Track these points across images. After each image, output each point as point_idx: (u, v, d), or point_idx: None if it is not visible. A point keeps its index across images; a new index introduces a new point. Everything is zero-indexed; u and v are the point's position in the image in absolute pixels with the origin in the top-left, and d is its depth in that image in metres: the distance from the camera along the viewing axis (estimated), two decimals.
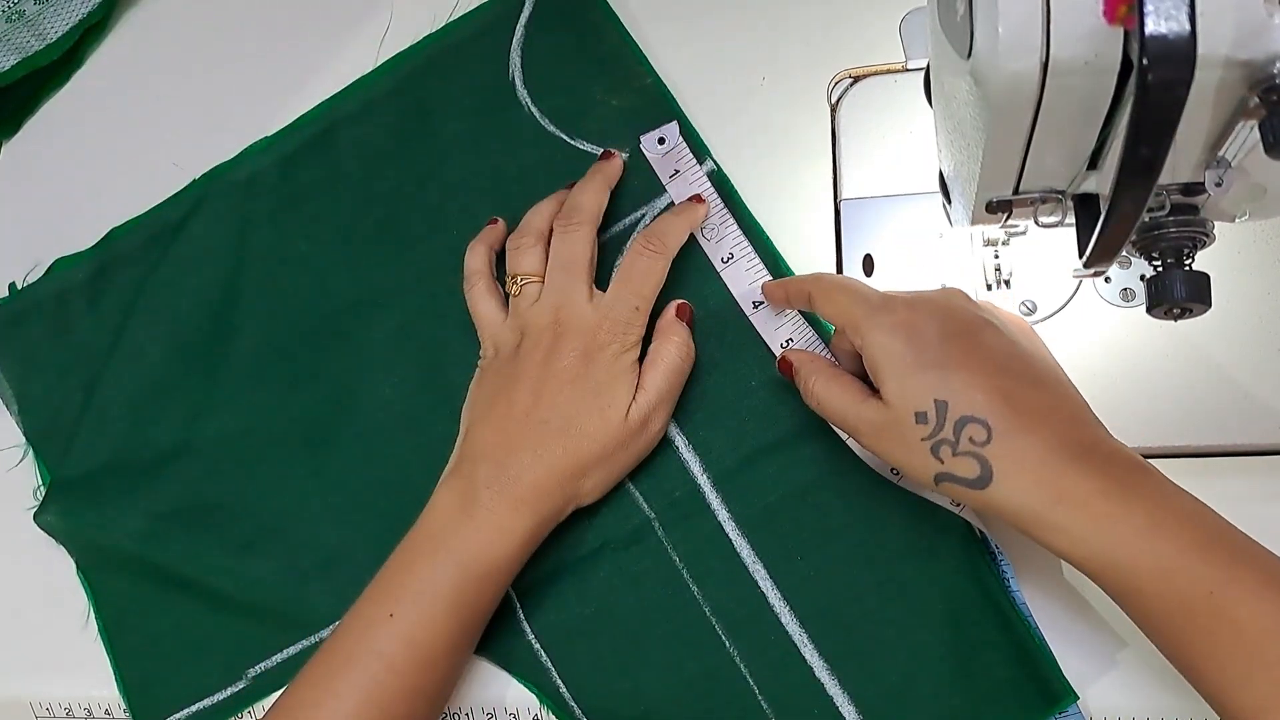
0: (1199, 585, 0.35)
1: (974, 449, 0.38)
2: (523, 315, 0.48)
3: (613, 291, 0.48)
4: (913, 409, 0.39)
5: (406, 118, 0.57)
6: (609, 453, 0.46)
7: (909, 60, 0.53)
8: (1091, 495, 0.37)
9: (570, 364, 0.46)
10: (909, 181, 0.51)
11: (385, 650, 0.43)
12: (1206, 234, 0.36)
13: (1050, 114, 0.32)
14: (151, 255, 0.58)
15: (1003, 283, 0.49)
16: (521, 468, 0.45)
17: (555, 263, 0.48)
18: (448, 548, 0.44)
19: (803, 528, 0.47)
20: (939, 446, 0.39)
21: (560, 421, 0.46)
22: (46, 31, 0.62)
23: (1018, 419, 0.38)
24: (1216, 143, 0.32)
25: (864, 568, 0.46)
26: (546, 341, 0.47)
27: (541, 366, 0.46)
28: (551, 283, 0.48)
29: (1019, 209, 0.38)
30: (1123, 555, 0.36)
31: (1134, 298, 0.47)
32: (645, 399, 0.47)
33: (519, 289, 0.49)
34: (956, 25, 0.33)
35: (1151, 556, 0.36)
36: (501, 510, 0.45)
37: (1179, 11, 0.26)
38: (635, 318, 0.47)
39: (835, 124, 0.53)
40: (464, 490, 0.46)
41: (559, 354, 0.46)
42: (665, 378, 0.47)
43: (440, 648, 0.44)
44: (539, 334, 0.47)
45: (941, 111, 0.40)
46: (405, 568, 0.45)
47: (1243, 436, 0.45)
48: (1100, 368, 0.47)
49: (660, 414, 0.48)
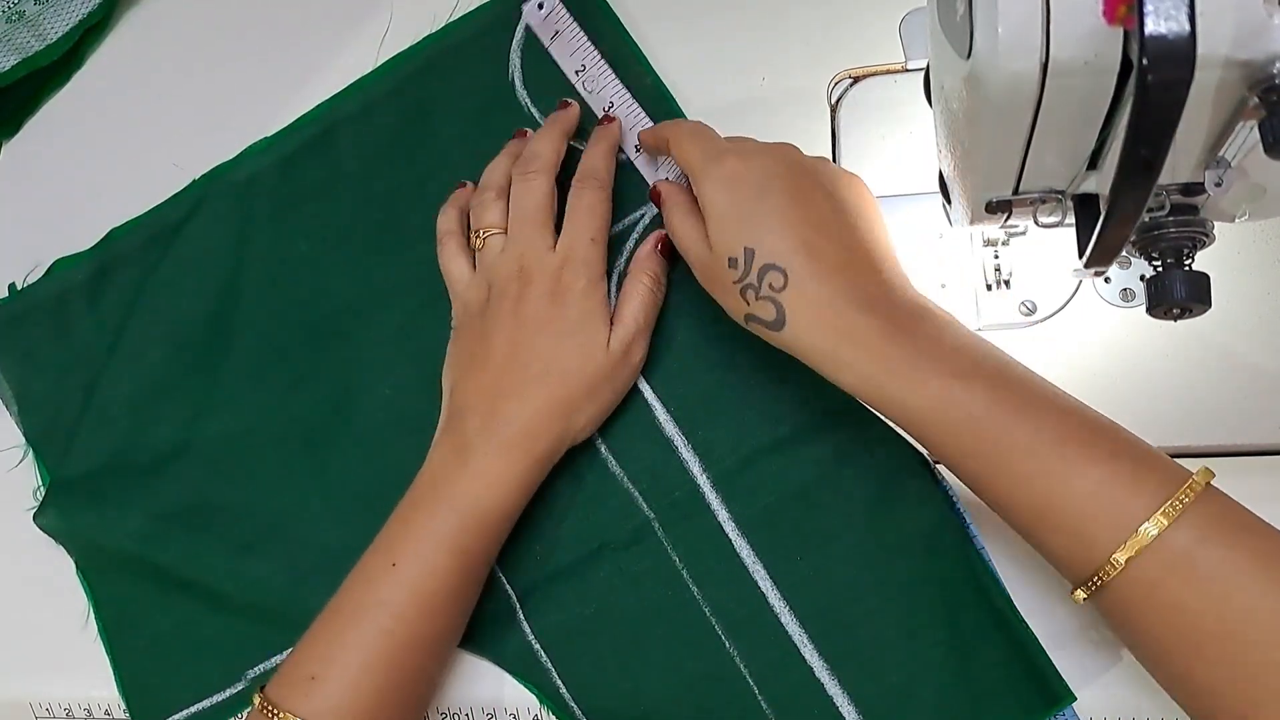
0: (963, 409, 0.38)
1: (772, 294, 0.42)
2: (489, 268, 0.49)
3: (567, 232, 0.49)
4: (726, 254, 0.43)
5: (406, 118, 0.57)
6: (594, 386, 0.47)
7: (909, 60, 0.53)
8: (872, 335, 0.40)
9: (540, 307, 0.47)
10: (909, 181, 0.51)
11: (391, 599, 0.44)
12: (1206, 234, 0.36)
13: (1050, 114, 0.32)
14: (151, 255, 0.58)
15: (1003, 283, 0.49)
16: (509, 414, 0.46)
17: (515, 213, 0.49)
18: (445, 496, 0.45)
19: (803, 528, 0.47)
20: (745, 290, 0.42)
21: (540, 365, 0.46)
22: (46, 32, 0.62)
23: (814, 267, 0.41)
24: (1216, 143, 0.32)
25: (864, 568, 0.46)
26: (514, 290, 0.48)
27: (512, 315, 0.47)
28: (513, 233, 0.49)
29: (1019, 209, 0.38)
30: (900, 389, 0.39)
31: (1134, 298, 0.47)
32: (623, 330, 0.48)
33: (483, 242, 0.50)
34: (956, 25, 0.33)
35: (923, 388, 0.39)
36: (494, 456, 0.45)
37: (1179, 12, 0.26)
38: (593, 251, 0.48)
39: (835, 124, 0.53)
40: (456, 443, 0.46)
41: (527, 300, 0.47)
42: (641, 309, 0.49)
43: (444, 595, 0.45)
44: (505, 284, 0.48)
45: (941, 112, 0.40)
46: (405, 521, 0.46)
47: (1243, 436, 0.45)
48: (1100, 368, 0.47)
49: (639, 344, 0.49)
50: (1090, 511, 0.36)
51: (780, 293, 0.41)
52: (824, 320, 0.41)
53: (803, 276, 0.41)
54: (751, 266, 0.42)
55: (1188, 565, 0.35)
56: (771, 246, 0.42)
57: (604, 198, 0.50)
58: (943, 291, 0.49)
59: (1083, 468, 0.37)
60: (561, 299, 0.47)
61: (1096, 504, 0.36)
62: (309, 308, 0.56)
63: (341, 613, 0.45)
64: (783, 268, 0.41)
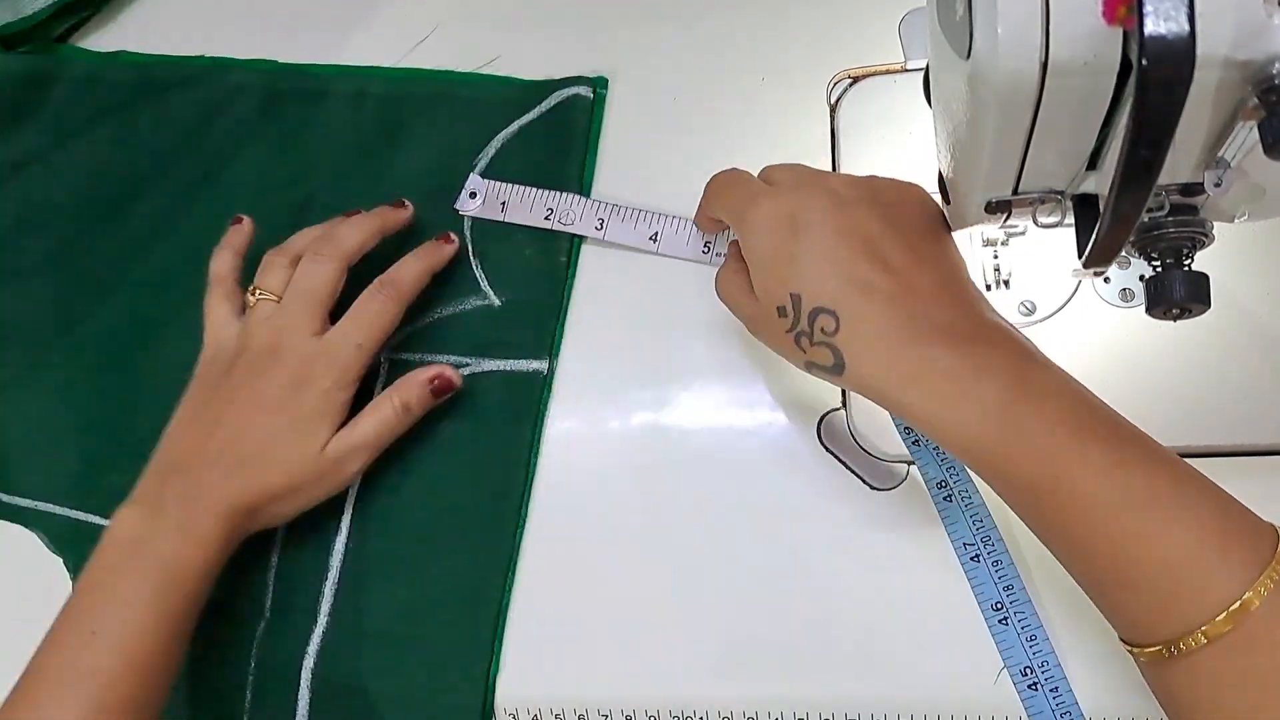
0: (1045, 467, 0.35)
1: (826, 339, 0.39)
2: (249, 331, 0.49)
3: (339, 328, 0.48)
4: (774, 304, 0.40)
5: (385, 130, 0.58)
6: (300, 483, 0.47)
7: (908, 60, 0.53)
8: (937, 377, 0.37)
9: (277, 392, 0.47)
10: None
11: (98, 666, 0.42)
12: (1206, 234, 0.36)
13: (1050, 114, 0.32)
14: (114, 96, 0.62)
15: (1002, 283, 0.49)
16: (213, 483, 0.45)
17: (293, 288, 0.49)
18: (143, 557, 0.44)
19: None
20: (799, 338, 0.40)
21: (255, 446, 0.46)
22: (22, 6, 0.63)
23: (865, 304, 0.38)
24: (1216, 143, 0.32)
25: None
26: (262, 364, 0.47)
27: (249, 389, 0.47)
28: (284, 307, 0.48)
29: (1018, 209, 0.38)
30: (971, 436, 0.36)
31: (1133, 298, 0.47)
32: (348, 438, 0.47)
33: (255, 302, 0.49)
34: (956, 25, 0.33)
35: (999, 438, 0.36)
36: (193, 520, 0.45)
37: (1178, 12, 0.26)
38: (356, 357, 0.48)
39: (835, 124, 0.53)
40: (154, 504, 0.45)
41: (270, 378, 0.47)
42: (375, 427, 0.48)
43: (152, 657, 0.43)
44: (256, 355, 0.48)
45: (941, 112, 0.40)
46: (101, 584, 0.44)
47: (1243, 436, 0.45)
48: (1100, 368, 0.47)
49: (358, 458, 0.48)
50: (1177, 578, 0.34)
51: (834, 336, 0.38)
52: (883, 361, 0.38)
53: (854, 316, 0.38)
54: (801, 312, 0.39)
55: (1270, 640, 0.33)
56: (818, 288, 0.39)
57: (395, 311, 0.49)
58: None
59: (1171, 530, 0.34)
60: (300, 389, 0.47)
61: (1184, 571, 0.34)
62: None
63: (45, 683, 0.42)
64: (832, 310, 0.38)
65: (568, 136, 0.56)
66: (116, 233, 0.59)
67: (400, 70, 0.60)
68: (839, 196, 0.40)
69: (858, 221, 0.40)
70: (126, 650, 0.42)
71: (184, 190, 0.59)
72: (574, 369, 0.52)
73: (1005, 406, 0.36)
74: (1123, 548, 0.35)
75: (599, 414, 0.51)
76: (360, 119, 0.59)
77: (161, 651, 0.43)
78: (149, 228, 0.59)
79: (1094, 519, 0.35)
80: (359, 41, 0.61)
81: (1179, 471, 0.36)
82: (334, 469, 0.47)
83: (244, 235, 0.53)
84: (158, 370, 0.56)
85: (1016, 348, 0.38)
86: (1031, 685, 0.43)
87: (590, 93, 0.56)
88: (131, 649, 0.42)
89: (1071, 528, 0.36)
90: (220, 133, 0.60)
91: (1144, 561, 0.34)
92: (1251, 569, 0.33)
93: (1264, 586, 0.33)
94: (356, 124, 0.59)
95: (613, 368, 0.52)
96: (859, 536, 0.47)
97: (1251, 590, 0.33)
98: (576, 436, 0.51)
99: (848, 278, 0.38)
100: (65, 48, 0.64)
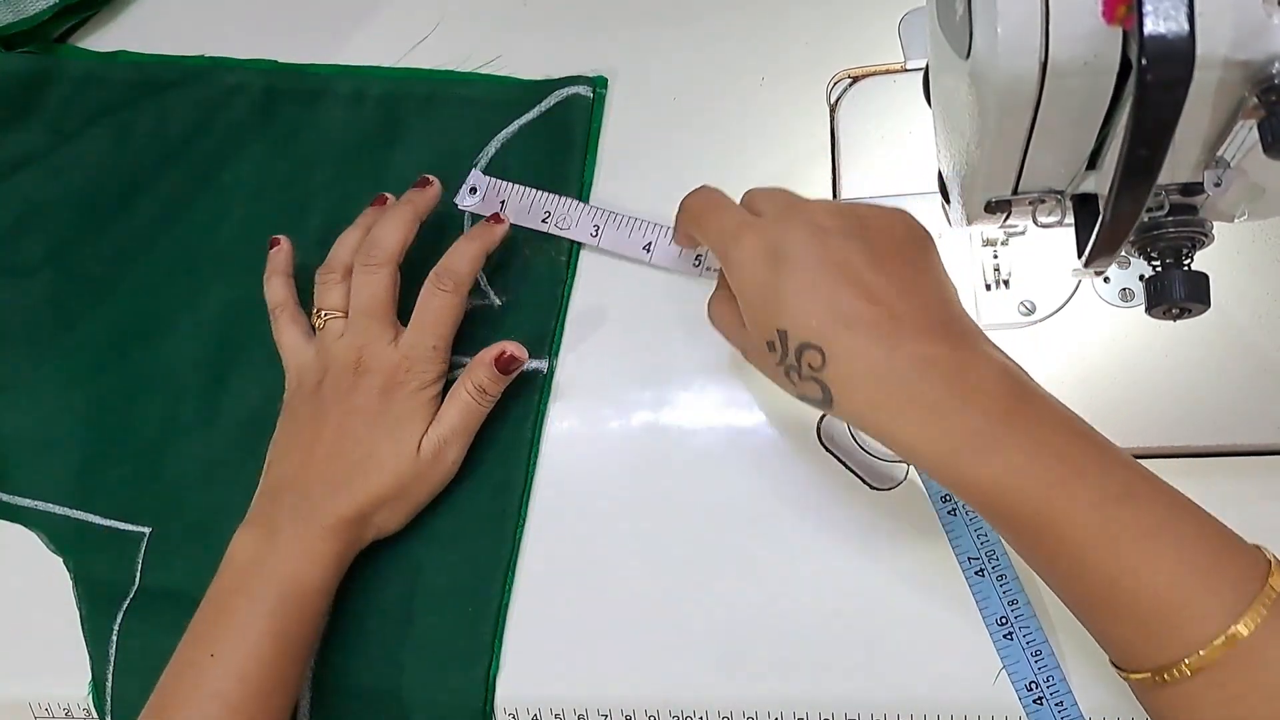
0: (1031, 501, 0.35)
1: (814, 374, 0.38)
2: (328, 351, 0.49)
3: (410, 334, 0.49)
4: (764, 339, 0.40)
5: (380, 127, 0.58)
6: (403, 484, 0.47)
7: (908, 60, 0.53)
8: (923, 409, 0.36)
9: (369, 401, 0.47)
10: (908, 181, 0.51)
11: (219, 690, 0.43)
12: (1205, 234, 0.36)
13: (1049, 114, 0.32)
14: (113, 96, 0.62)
15: (1002, 283, 0.49)
16: (322, 498, 0.46)
17: (356, 305, 0.49)
18: (259, 578, 0.45)
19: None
20: (789, 371, 0.40)
21: (359, 455, 0.47)
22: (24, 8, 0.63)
23: (850, 338, 0.37)
24: (1215, 143, 0.32)
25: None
26: (347, 382, 0.48)
27: (343, 404, 0.48)
28: (354, 324, 0.49)
29: (1018, 209, 0.38)
30: (957, 468, 0.36)
31: (1133, 298, 0.47)
32: (437, 431, 0.48)
33: (323, 324, 0.50)
34: (956, 25, 0.33)
35: (985, 471, 0.36)
36: (307, 537, 0.45)
37: (1178, 12, 0.26)
38: (434, 356, 0.48)
39: (835, 124, 0.53)
40: (268, 525, 0.46)
41: (360, 391, 0.48)
42: (458, 415, 0.48)
43: (271, 679, 0.44)
44: (341, 372, 0.48)
45: (940, 112, 0.40)
46: (220, 607, 0.45)
47: (1243, 436, 0.45)
48: (1099, 368, 0.47)
49: (454, 446, 0.48)
50: (1166, 610, 0.34)
51: (821, 371, 0.38)
52: (870, 395, 0.37)
53: (839, 351, 0.38)
54: (788, 348, 0.39)
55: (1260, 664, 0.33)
56: (802, 324, 0.38)
57: (456, 302, 0.49)
58: None
59: (1160, 563, 0.34)
60: (391, 395, 0.48)
61: (1173, 604, 0.34)
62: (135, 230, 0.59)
63: (174, 705, 0.43)
64: (818, 345, 0.38)
65: (568, 136, 0.56)
66: (116, 232, 0.59)
67: (400, 70, 0.60)
68: (820, 227, 0.39)
69: (840, 252, 0.39)
70: (246, 673, 0.43)
71: (183, 189, 0.59)
72: (574, 369, 0.52)
73: (992, 440, 0.36)
74: (1111, 580, 0.35)
75: (599, 414, 0.51)
76: (359, 118, 0.59)
77: (280, 674, 0.44)
78: (149, 227, 0.59)
79: (1082, 552, 0.35)
80: (358, 41, 0.61)
81: (1168, 500, 0.35)
82: (432, 464, 0.48)
83: (286, 256, 0.53)
84: (157, 370, 0.56)
85: (1004, 377, 0.37)
86: (1037, 700, 0.43)
87: (590, 92, 0.56)
88: (251, 671, 0.43)
89: (1059, 559, 0.36)
90: (220, 132, 0.60)
91: (1133, 593, 0.34)
92: (1241, 599, 0.33)
93: (1254, 617, 0.33)
94: (356, 123, 0.59)
95: (613, 367, 0.52)
96: (859, 536, 0.47)
97: (1241, 621, 0.33)
98: (576, 436, 0.51)
99: (831, 312, 0.38)
100: (65, 48, 0.65)
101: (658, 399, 0.51)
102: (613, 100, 0.57)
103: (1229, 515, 0.37)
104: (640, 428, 0.51)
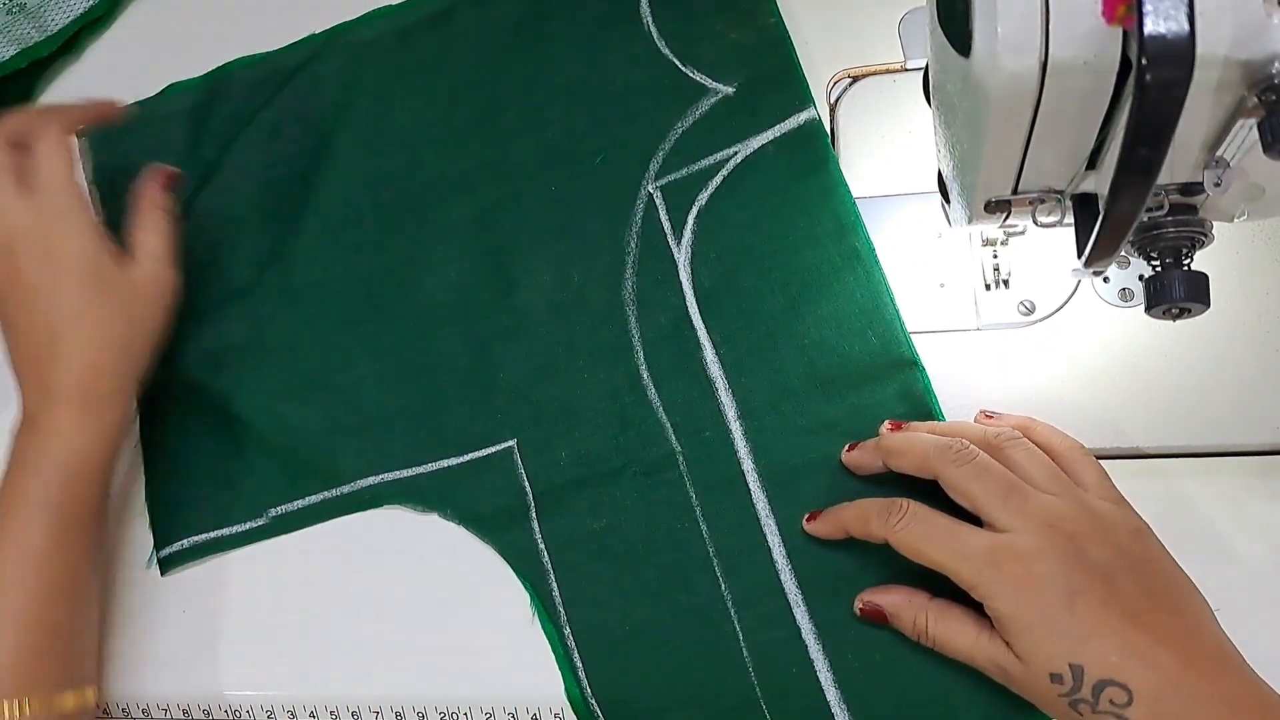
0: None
1: (1115, 709, 0.37)
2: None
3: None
4: (1047, 670, 0.38)
5: (527, 13, 0.58)
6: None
7: (908, 60, 0.53)
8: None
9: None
10: (908, 181, 0.51)
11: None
12: (1205, 234, 0.36)
13: (1049, 114, 0.32)
14: (259, 96, 0.61)
15: (1001, 282, 0.49)
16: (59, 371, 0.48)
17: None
18: (30, 463, 0.47)
19: (821, 498, 0.47)
20: (1078, 704, 0.38)
21: (59, 314, 0.48)
22: (48, 23, 0.63)
23: (1159, 680, 0.37)
24: (1215, 143, 0.32)
25: (870, 550, 0.46)
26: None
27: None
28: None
29: (1018, 209, 0.38)
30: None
31: (1133, 298, 0.47)
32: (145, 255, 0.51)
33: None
34: (956, 25, 0.33)
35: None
36: (62, 414, 0.48)
37: (1178, 11, 0.26)
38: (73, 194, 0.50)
39: (834, 124, 0.53)
40: (27, 412, 0.49)
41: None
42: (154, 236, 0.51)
43: (50, 552, 0.46)
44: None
45: (940, 112, 0.40)
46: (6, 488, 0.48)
47: (1243, 436, 0.45)
48: (1099, 368, 0.47)
49: (164, 268, 0.52)
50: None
51: (1126, 708, 0.37)
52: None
53: (1148, 692, 0.37)
54: (1083, 683, 0.37)
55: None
56: (1102, 660, 0.37)
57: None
58: (941, 291, 0.49)
59: None
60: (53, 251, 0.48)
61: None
62: (394, 180, 0.58)
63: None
64: (1122, 683, 0.37)
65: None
66: (388, 210, 0.58)
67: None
68: (1082, 551, 0.39)
69: (1123, 582, 0.38)
70: (29, 548, 0.47)
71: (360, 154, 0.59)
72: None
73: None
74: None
75: None
76: (505, 14, 0.58)
77: (61, 547, 0.47)
78: (341, 204, 0.58)
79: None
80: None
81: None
82: (152, 282, 0.51)
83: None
84: (435, 300, 0.55)
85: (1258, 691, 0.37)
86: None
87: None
88: (33, 546, 0.47)
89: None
90: (370, 86, 0.59)
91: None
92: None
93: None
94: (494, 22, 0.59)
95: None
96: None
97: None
98: None
99: (1132, 649, 0.37)
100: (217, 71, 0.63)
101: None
102: None
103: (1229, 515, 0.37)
104: None
